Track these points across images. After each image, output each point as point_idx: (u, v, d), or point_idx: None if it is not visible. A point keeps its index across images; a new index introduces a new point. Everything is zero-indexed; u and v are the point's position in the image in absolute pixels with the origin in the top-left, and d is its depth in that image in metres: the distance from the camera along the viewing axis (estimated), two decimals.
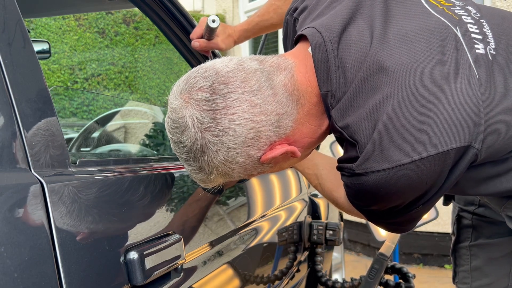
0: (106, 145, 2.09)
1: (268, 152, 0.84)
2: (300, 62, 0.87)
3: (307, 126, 0.87)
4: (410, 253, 3.96)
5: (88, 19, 6.77)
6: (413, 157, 0.76)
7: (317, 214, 1.92)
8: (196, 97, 0.79)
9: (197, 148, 0.81)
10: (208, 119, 0.79)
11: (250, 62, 0.84)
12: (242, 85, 0.80)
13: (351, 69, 0.83)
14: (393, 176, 0.78)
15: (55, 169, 0.65)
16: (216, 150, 0.81)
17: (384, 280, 1.65)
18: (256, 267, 1.24)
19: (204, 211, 1.03)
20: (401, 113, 0.77)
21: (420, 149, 0.76)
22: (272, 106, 0.81)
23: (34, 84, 0.67)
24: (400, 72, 0.79)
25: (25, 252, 0.54)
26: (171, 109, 0.82)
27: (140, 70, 6.99)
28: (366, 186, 0.82)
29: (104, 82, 6.76)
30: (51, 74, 6.40)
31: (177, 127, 0.81)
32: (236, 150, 0.81)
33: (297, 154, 0.87)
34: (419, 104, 0.77)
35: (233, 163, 0.83)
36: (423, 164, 0.76)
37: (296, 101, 0.85)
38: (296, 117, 0.85)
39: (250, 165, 0.85)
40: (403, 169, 0.77)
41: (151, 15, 1.39)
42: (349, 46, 0.85)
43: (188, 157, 0.83)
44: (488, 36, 0.86)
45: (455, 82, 0.79)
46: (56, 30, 6.59)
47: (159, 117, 2.24)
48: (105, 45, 6.86)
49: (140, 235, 0.75)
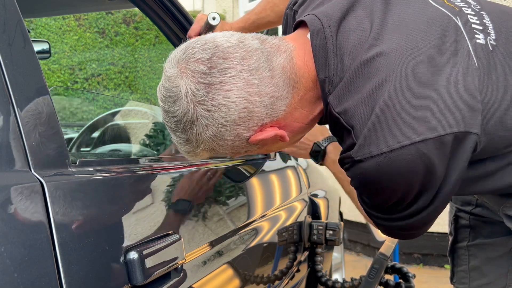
0: (106, 145, 2.08)
1: (258, 133, 0.83)
2: (299, 46, 0.87)
3: (299, 111, 0.87)
4: (410, 253, 3.95)
5: (88, 19, 6.76)
6: (412, 139, 0.75)
7: (317, 214, 1.92)
8: (193, 68, 0.79)
9: (188, 120, 0.80)
10: (202, 92, 0.78)
11: (252, 40, 0.83)
12: (241, 62, 0.79)
13: (349, 56, 0.83)
14: (394, 160, 0.77)
15: (55, 169, 0.65)
16: (206, 125, 0.80)
17: (384, 280, 1.65)
18: (256, 267, 1.24)
19: (204, 211, 1.03)
20: (399, 97, 0.77)
21: (419, 132, 0.75)
22: (268, 88, 0.81)
23: (34, 84, 0.67)
24: (398, 57, 0.79)
25: (25, 252, 0.54)
26: (166, 77, 0.81)
27: (140, 70, 6.99)
28: (368, 174, 0.80)
29: (104, 82, 6.76)
30: (51, 74, 6.40)
31: (170, 96, 0.80)
32: (226, 127, 0.81)
33: (285, 138, 0.86)
34: (417, 88, 0.77)
35: (222, 140, 0.83)
36: (422, 147, 0.75)
37: (292, 86, 0.84)
38: (290, 101, 0.84)
39: (238, 144, 0.85)
40: (403, 152, 0.76)
41: (151, 15, 1.39)
42: (348, 33, 0.85)
43: (177, 128, 0.83)
44: (489, 27, 0.86)
45: (453, 69, 0.79)
46: (56, 30, 6.58)
47: (159, 117, 2.24)
48: (105, 45, 6.86)
49: (140, 235, 0.75)
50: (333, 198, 2.32)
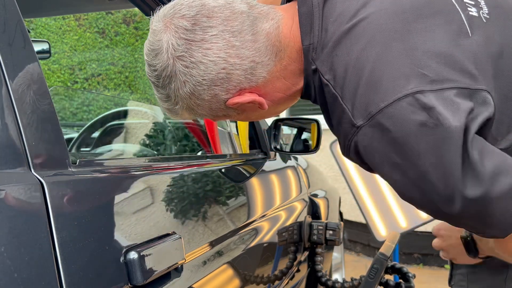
0: (106, 145, 2.09)
1: (236, 97, 0.84)
2: (288, 16, 0.87)
3: (281, 80, 0.86)
4: (410, 253, 3.96)
5: (88, 19, 6.77)
6: (410, 89, 0.72)
7: (317, 214, 1.93)
8: (176, 23, 0.80)
9: (166, 74, 0.81)
10: (182, 48, 0.79)
11: (240, 3, 0.84)
12: (224, 23, 0.80)
13: (334, 23, 0.82)
14: (397, 116, 0.72)
15: (55, 169, 0.65)
16: (184, 81, 0.81)
17: (384, 280, 1.65)
18: (256, 267, 1.24)
19: (204, 211, 1.03)
20: (388, 53, 0.75)
21: (416, 83, 0.73)
22: (249, 52, 0.81)
23: (34, 84, 0.67)
24: (386, 19, 0.78)
25: (25, 252, 0.54)
26: (151, 30, 0.83)
27: (140, 70, 6.99)
28: (375, 139, 0.75)
29: (104, 82, 6.76)
30: (51, 74, 6.40)
31: (153, 50, 0.82)
32: (204, 86, 0.81)
33: (264, 106, 0.86)
34: (406, 44, 0.75)
35: (199, 99, 0.83)
36: (423, 98, 0.71)
37: (275, 53, 0.84)
38: (271, 69, 0.84)
39: (216, 106, 0.85)
40: (403, 104, 0.72)
41: (151, 15, 1.39)
42: (335, 3, 0.84)
43: (157, 83, 0.84)
44: (481, 3, 0.85)
45: (444, 31, 0.77)
46: (56, 30, 6.59)
47: (159, 117, 2.24)
48: (105, 45, 6.86)
49: (140, 235, 0.75)
50: (333, 198, 2.32)
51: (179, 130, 2.16)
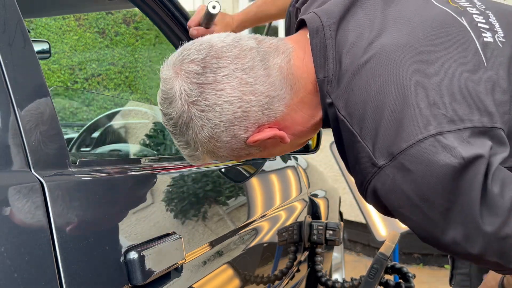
0: (106, 145, 2.09)
1: (256, 134, 0.82)
2: (299, 47, 0.86)
3: (299, 114, 0.85)
4: (410, 253, 3.95)
5: (88, 19, 6.77)
6: (431, 130, 0.71)
7: (317, 214, 1.92)
8: (186, 69, 0.79)
9: (183, 121, 0.80)
10: (195, 92, 0.78)
11: (248, 40, 0.83)
12: (234, 61, 0.79)
13: (347, 54, 0.81)
14: (419, 157, 0.72)
15: (55, 169, 0.65)
16: (201, 126, 0.80)
17: (384, 280, 1.65)
18: (256, 267, 1.24)
19: (204, 211, 1.03)
20: (406, 92, 0.74)
21: (436, 124, 0.72)
22: (264, 87, 0.80)
23: (34, 84, 0.67)
24: (402, 52, 0.77)
25: (25, 252, 0.54)
26: (162, 79, 0.82)
27: (140, 70, 6.99)
28: (397, 179, 0.74)
29: (104, 82, 6.76)
30: (51, 74, 6.40)
31: (166, 98, 0.81)
32: (222, 128, 0.80)
33: (285, 139, 0.85)
34: (424, 82, 0.74)
35: (219, 141, 0.82)
36: (443, 140, 0.71)
37: (290, 86, 0.83)
38: (288, 102, 0.83)
39: (236, 145, 0.84)
40: (425, 145, 0.71)
41: (151, 15, 1.39)
42: (347, 31, 0.83)
43: (175, 131, 0.83)
44: (495, 26, 0.84)
45: (460, 65, 0.76)
46: (56, 30, 6.59)
47: (159, 117, 2.24)
48: (105, 45, 6.86)
49: (140, 235, 0.75)
50: (333, 198, 2.32)
51: None
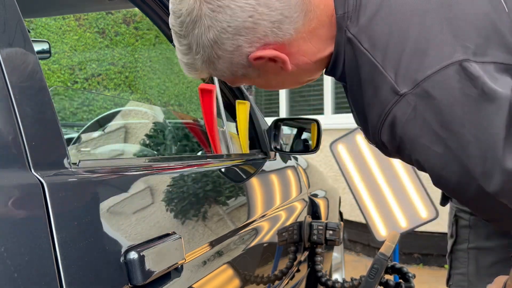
0: (107, 145, 2.09)
1: (259, 50, 0.81)
2: None
3: (307, 44, 0.84)
4: (410, 253, 3.96)
5: (88, 19, 6.77)
6: (457, 57, 0.72)
7: (317, 214, 1.93)
8: None
9: (191, 19, 0.79)
10: None
11: None
12: None
13: None
14: (443, 83, 0.72)
15: (55, 169, 0.65)
16: (208, 26, 0.79)
17: (384, 280, 1.65)
18: (256, 267, 1.24)
19: (204, 211, 1.03)
20: (433, 22, 0.76)
21: (461, 53, 0.73)
22: (279, 3, 0.78)
23: (34, 84, 0.67)
24: None
25: (25, 252, 0.54)
26: None
27: (140, 70, 7.00)
28: (419, 107, 0.74)
29: (104, 82, 6.77)
30: (51, 74, 6.41)
31: None
32: (228, 34, 0.79)
33: (287, 65, 0.84)
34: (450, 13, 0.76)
35: (221, 49, 0.81)
36: (469, 67, 0.72)
37: (305, 12, 0.81)
38: (299, 28, 0.82)
39: (237, 60, 0.83)
40: (450, 72, 0.72)
41: (151, 15, 1.39)
42: None
43: (180, 31, 0.82)
44: None
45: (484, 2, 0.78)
46: (56, 30, 6.59)
47: (159, 117, 2.25)
48: (105, 45, 6.86)
49: (140, 235, 0.75)
50: (333, 198, 2.32)
51: (179, 130, 2.16)
